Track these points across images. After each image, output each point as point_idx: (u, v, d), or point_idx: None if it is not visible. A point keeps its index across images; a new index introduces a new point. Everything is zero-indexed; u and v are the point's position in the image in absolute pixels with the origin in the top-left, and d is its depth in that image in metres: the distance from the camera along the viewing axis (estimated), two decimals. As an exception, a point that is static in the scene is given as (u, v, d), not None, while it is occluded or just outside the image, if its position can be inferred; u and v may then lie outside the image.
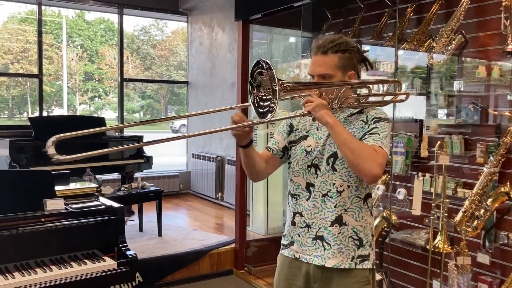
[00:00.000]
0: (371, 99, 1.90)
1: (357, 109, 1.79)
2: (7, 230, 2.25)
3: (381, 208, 3.52)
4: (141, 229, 4.75)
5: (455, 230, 2.86)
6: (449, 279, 2.88)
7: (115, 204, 2.60)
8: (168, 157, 8.00)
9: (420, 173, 3.22)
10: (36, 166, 4.13)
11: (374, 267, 1.78)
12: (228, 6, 5.10)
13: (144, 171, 5.44)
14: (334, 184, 1.70)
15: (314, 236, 1.72)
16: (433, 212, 2.91)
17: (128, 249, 2.50)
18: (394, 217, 3.46)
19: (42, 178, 2.48)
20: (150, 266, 3.88)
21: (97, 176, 5.38)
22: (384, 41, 3.62)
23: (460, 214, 2.77)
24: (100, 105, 16.99)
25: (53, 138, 1.33)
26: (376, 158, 1.59)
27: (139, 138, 5.10)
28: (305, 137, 1.80)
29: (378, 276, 3.47)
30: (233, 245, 4.32)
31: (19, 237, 2.27)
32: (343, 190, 1.70)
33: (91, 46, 17.67)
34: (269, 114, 1.53)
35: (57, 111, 16.26)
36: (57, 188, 2.64)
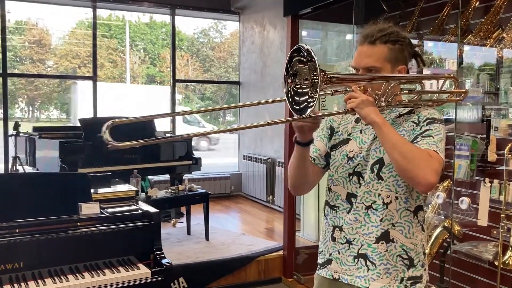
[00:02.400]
0: (424, 97, 1.65)
1: (407, 109, 1.55)
2: (43, 234, 2.19)
3: (442, 217, 3.21)
4: (188, 232, 4.67)
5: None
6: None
7: (152, 209, 2.49)
8: (221, 158, 7.96)
9: (487, 179, 2.89)
10: (85, 167, 4.15)
11: None
12: (279, 3, 4.93)
13: (196, 172, 5.39)
14: (379, 195, 1.48)
15: (356, 254, 1.51)
16: (502, 224, 2.57)
17: (164, 257, 2.39)
18: (457, 227, 3.14)
19: (79, 181, 2.41)
20: (195, 272, 3.77)
21: (150, 177, 5.41)
22: (445, 35, 3.30)
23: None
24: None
25: (108, 123, 1.21)
26: (431, 164, 1.35)
27: (188, 140, 5.03)
28: (346, 141, 1.58)
29: (438, 292, 3.16)
30: (281, 252, 4.13)
31: (56, 242, 2.21)
32: (391, 201, 1.47)
33: (153, 50, 18.21)
34: (308, 109, 1.29)
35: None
36: (96, 191, 2.59)
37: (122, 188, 2.77)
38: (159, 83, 17.54)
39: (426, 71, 3.36)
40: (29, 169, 4.63)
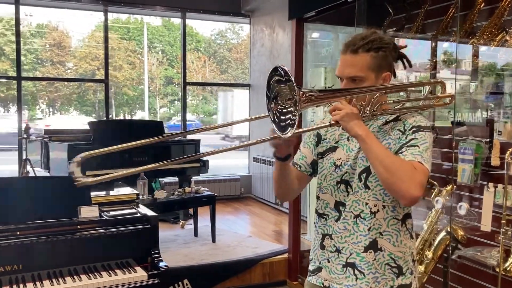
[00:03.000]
0: (410, 103, 1.64)
1: (394, 116, 1.53)
2: (43, 237, 2.24)
3: (445, 221, 3.17)
4: (196, 234, 4.70)
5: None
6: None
7: (150, 213, 2.52)
8: (231, 159, 7.99)
9: (491, 184, 2.84)
10: (93, 170, 4.21)
11: None
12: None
13: (206, 175, 5.41)
14: (367, 203, 1.47)
15: (344, 263, 1.50)
16: (503, 230, 2.53)
17: (161, 260, 2.41)
18: (461, 232, 3.11)
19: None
20: (199, 274, 3.80)
21: (160, 179, 5.47)
22: (450, 36, 3.27)
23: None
24: (179, 108, 17.75)
25: (78, 158, 1.23)
26: (415, 176, 1.34)
27: (197, 143, 5.08)
28: (334, 149, 1.57)
29: (441, 298, 3.13)
30: (287, 255, 4.13)
31: (55, 244, 2.26)
32: (378, 210, 1.47)
33: (171, 51, 18.40)
34: (289, 129, 1.31)
35: (139, 114, 17.06)
36: (97, 194, 2.63)
37: (123, 191, 2.81)
38: (177, 84, 17.73)
39: (444, 72, 3.35)
40: (41, 172, 4.72)
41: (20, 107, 5.67)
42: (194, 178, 5.93)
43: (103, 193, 2.69)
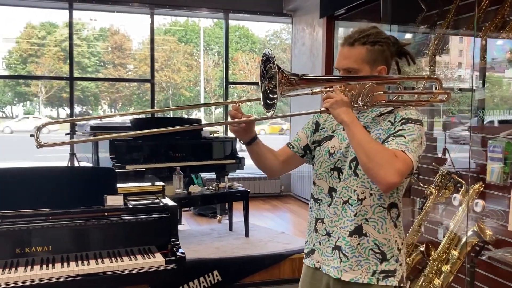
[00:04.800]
0: (406, 98, 1.67)
1: (389, 109, 1.59)
2: (72, 222, 2.43)
3: (474, 222, 3.10)
4: (230, 229, 4.83)
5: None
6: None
7: (170, 203, 2.66)
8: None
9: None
10: (134, 164, 4.46)
11: (403, 284, 1.58)
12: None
13: (247, 172, 5.54)
14: (355, 190, 1.54)
15: (333, 246, 1.59)
16: (524, 229, 2.46)
17: (179, 248, 2.54)
18: (489, 232, 3.03)
19: (106, 175, 2.64)
20: (230, 266, 3.92)
21: (202, 175, 5.67)
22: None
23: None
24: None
25: (39, 125, 1.41)
26: (394, 163, 1.38)
27: (233, 140, 5.21)
28: (330, 137, 1.66)
29: (467, 298, 3.07)
30: (317, 251, 4.15)
31: (82, 229, 2.44)
32: (365, 198, 1.53)
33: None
34: (271, 109, 1.43)
35: (195, 115, 17.48)
36: (124, 185, 2.81)
37: (149, 183, 2.98)
38: (232, 85, 18.13)
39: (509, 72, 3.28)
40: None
41: (72, 106, 6.06)
42: (234, 175, 6.10)
43: (130, 184, 2.86)
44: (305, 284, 1.72)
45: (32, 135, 1.37)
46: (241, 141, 1.63)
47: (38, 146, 1.34)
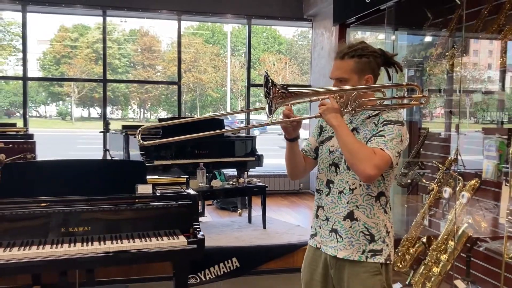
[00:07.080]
0: (389, 102, 1.97)
1: (376, 112, 1.87)
2: (108, 206, 2.82)
3: (468, 215, 3.36)
4: (249, 221, 5.19)
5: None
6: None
7: (192, 192, 3.02)
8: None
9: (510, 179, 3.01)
10: (161, 160, 4.86)
11: (389, 262, 1.85)
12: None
13: (267, 169, 5.85)
14: (348, 182, 1.84)
15: (330, 229, 1.88)
16: (506, 219, 2.72)
17: (200, 231, 2.90)
18: (484, 224, 3.29)
19: (137, 167, 3.03)
20: (247, 254, 4.27)
21: (225, 171, 6.04)
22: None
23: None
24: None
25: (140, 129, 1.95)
26: (372, 159, 1.68)
27: (253, 139, 5.57)
28: (330, 138, 1.96)
29: (462, 285, 3.33)
30: (329, 242, 4.45)
31: (117, 213, 2.83)
32: (355, 188, 1.83)
33: (253, 54, 19.09)
34: (270, 116, 1.76)
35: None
36: (153, 176, 3.19)
37: (174, 175, 3.35)
38: (258, 86, 18.51)
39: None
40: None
41: (105, 106, 6.52)
42: (255, 173, 6.44)
43: (158, 176, 3.25)
44: (308, 259, 2.02)
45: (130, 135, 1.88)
46: (286, 137, 1.91)
47: (140, 145, 1.83)
